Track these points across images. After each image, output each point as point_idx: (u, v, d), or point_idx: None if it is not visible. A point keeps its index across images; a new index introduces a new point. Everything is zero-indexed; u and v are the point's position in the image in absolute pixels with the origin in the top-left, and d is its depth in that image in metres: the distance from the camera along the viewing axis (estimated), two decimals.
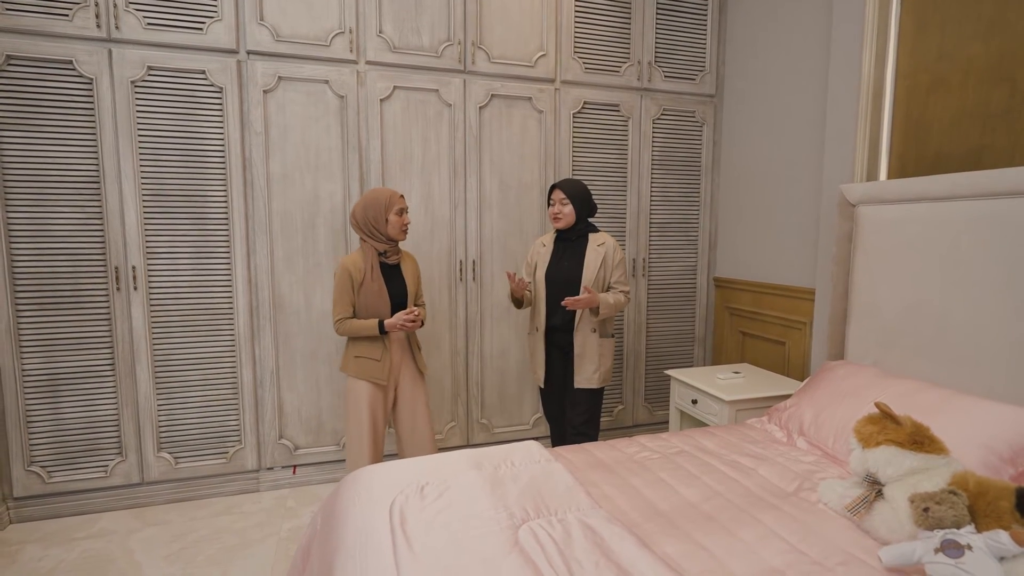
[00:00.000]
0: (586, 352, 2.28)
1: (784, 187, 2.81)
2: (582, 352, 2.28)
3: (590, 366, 2.28)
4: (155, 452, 2.51)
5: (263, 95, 2.51)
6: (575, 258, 2.32)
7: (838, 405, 1.72)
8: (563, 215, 2.30)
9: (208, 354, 2.55)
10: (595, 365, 2.28)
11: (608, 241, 2.31)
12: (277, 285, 2.61)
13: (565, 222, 2.31)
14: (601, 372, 2.30)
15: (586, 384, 2.28)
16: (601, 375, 2.30)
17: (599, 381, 2.29)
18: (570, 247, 2.35)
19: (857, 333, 2.15)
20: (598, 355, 2.28)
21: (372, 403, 2.10)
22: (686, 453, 1.70)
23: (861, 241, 2.14)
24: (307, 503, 2.58)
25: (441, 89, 2.73)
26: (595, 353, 2.28)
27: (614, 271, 2.30)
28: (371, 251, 2.08)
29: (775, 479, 1.52)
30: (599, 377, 2.29)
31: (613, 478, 1.53)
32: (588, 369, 2.28)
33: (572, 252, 2.34)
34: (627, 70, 3.01)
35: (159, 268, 2.45)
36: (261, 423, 2.66)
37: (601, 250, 2.29)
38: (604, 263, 2.28)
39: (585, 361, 2.28)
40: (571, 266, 2.31)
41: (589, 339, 2.28)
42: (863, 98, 2.25)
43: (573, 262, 2.31)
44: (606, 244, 2.30)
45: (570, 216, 2.29)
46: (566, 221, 2.31)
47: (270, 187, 2.56)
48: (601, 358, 2.29)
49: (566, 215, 2.30)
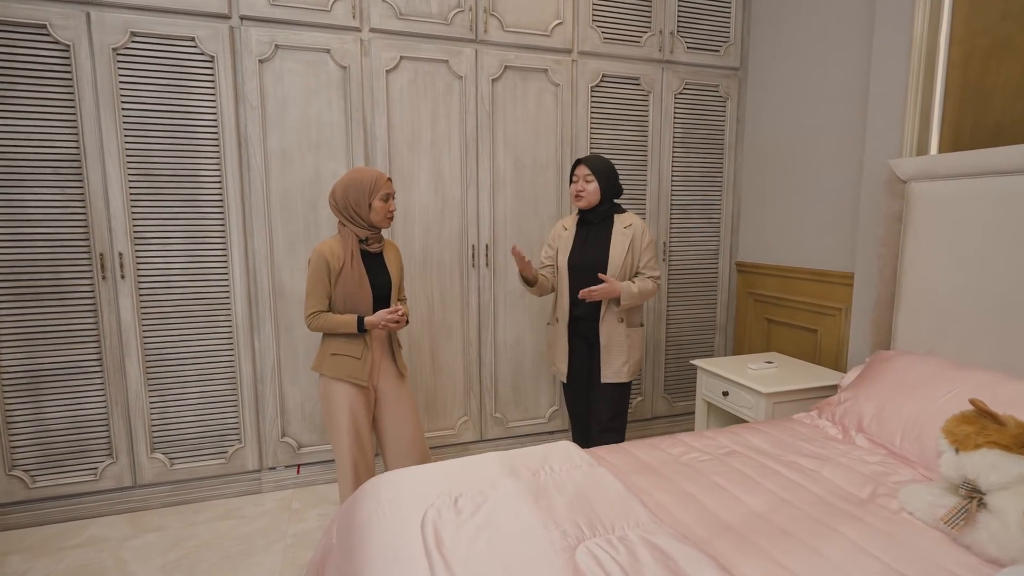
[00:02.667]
0: (613, 344, 2.11)
1: (816, 165, 2.64)
2: (609, 344, 2.12)
3: (619, 358, 2.12)
4: (148, 453, 2.33)
5: (259, 65, 2.30)
6: (600, 242, 2.14)
7: (904, 399, 1.57)
8: (586, 193, 2.12)
9: (204, 347, 2.37)
10: (624, 357, 2.12)
11: (636, 222, 2.14)
12: (277, 272, 2.42)
13: (588, 201, 2.13)
14: (630, 365, 2.13)
15: (614, 378, 2.12)
16: (630, 368, 2.14)
17: (628, 374, 2.13)
18: (594, 230, 2.18)
19: (908, 320, 1.99)
20: (627, 347, 2.12)
21: (353, 406, 1.88)
22: (737, 454, 1.55)
23: (913, 220, 1.98)
24: (313, 505, 2.42)
25: (451, 60, 2.53)
26: (623, 344, 2.11)
27: (642, 255, 2.13)
28: (351, 237, 1.86)
29: (843, 483, 1.37)
30: (628, 370, 2.13)
31: (664, 484, 1.37)
32: (616, 362, 2.12)
33: (596, 235, 2.16)
34: (648, 40, 2.82)
35: (148, 255, 2.26)
36: (262, 420, 2.48)
37: (628, 232, 2.11)
38: (631, 247, 2.11)
39: (613, 353, 2.12)
40: (596, 251, 2.14)
41: (616, 329, 2.11)
42: (914, 65, 2.07)
43: (598, 246, 2.14)
44: (633, 226, 2.13)
45: (594, 195, 2.12)
46: (589, 200, 2.13)
47: (268, 166, 2.36)
48: (630, 350, 2.13)
49: (589, 193, 2.12)
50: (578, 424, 2.35)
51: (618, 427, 2.21)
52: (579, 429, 2.36)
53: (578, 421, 2.34)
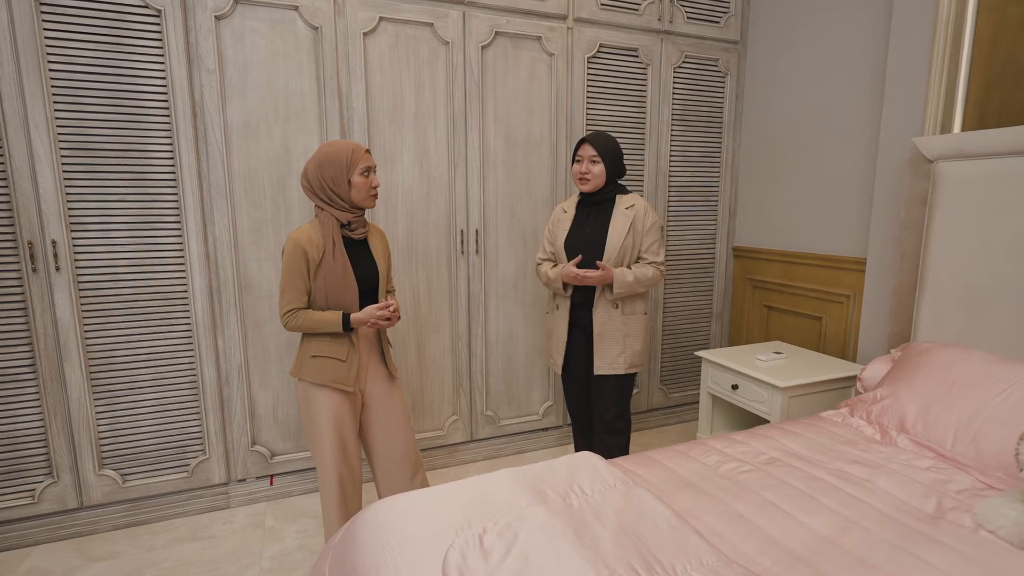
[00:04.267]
0: (607, 332, 1.94)
1: (823, 144, 2.51)
2: (602, 332, 1.95)
3: (613, 348, 1.94)
4: (96, 469, 2.04)
5: (215, 22, 1.99)
6: (599, 224, 1.96)
7: (953, 398, 1.45)
8: (591, 176, 1.92)
9: (159, 348, 2.07)
10: (619, 347, 1.94)
11: (638, 203, 1.96)
12: (242, 262, 2.14)
13: (593, 184, 1.94)
14: (627, 355, 1.96)
15: (608, 369, 1.95)
16: (627, 358, 1.96)
17: (625, 365, 1.96)
18: (594, 211, 1.99)
19: (933, 309, 1.89)
20: (622, 335, 1.95)
21: (337, 414, 1.65)
22: (778, 462, 1.40)
23: (941, 202, 1.86)
24: (290, 519, 2.18)
25: (436, 23, 2.27)
26: (618, 332, 1.94)
27: (645, 237, 1.95)
28: (331, 222, 1.61)
29: (904, 495, 1.23)
30: (624, 361, 1.95)
31: (711, 503, 1.21)
32: (611, 351, 1.95)
33: (596, 217, 1.98)
34: (647, 8, 2.62)
35: (88, 243, 1.94)
36: (229, 428, 2.21)
37: (630, 213, 1.93)
38: (633, 228, 1.93)
39: (607, 342, 1.95)
40: (594, 232, 1.96)
41: (611, 316, 1.94)
42: (940, 36, 1.94)
43: (597, 227, 1.96)
44: (635, 207, 1.94)
45: (600, 177, 1.93)
46: (594, 183, 1.93)
47: (229, 140, 2.06)
48: (627, 338, 1.96)
49: (595, 176, 1.92)
50: (577, 422, 2.18)
51: (623, 428, 2.05)
52: (579, 427, 2.19)
53: (577, 419, 2.17)
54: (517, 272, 2.57)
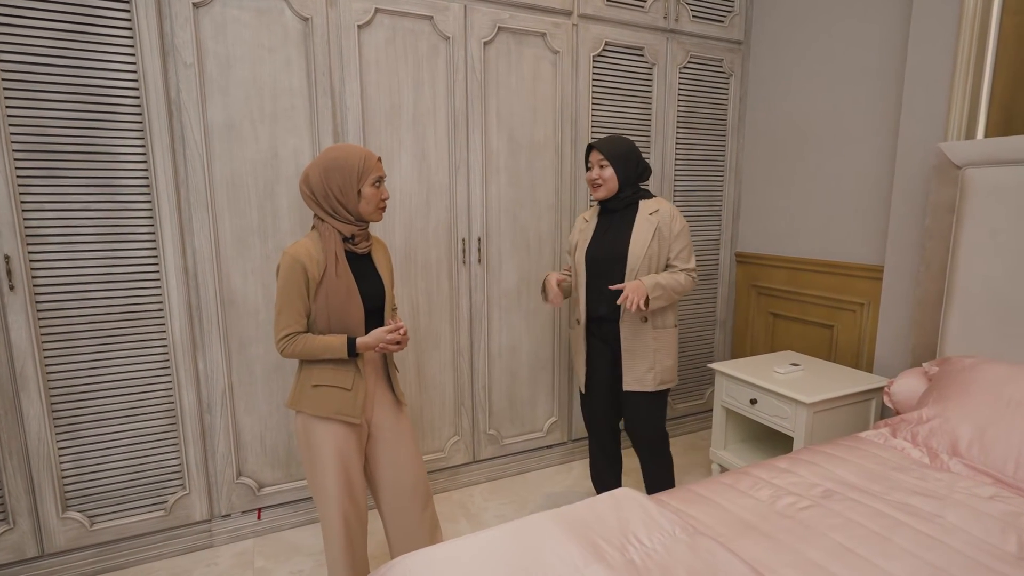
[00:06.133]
0: (636, 347, 1.82)
1: (834, 148, 2.45)
2: (631, 347, 1.82)
3: (642, 364, 1.82)
4: (59, 513, 1.81)
5: (193, 10, 1.78)
6: (621, 231, 1.83)
7: (1012, 419, 1.38)
8: (603, 181, 1.80)
9: (131, 373, 1.86)
10: (648, 363, 1.82)
11: (664, 207, 1.83)
12: (225, 276, 1.93)
13: (606, 190, 1.81)
14: (656, 371, 1.84)
15: (637, 386, 1.83)
16: (657, 374, 1.84)
17: (655, 382, 1.84)
18: (616, 219, 1.86)
19: (961, 319, 1.82)
20: (652, 350, 1.82)
21: (342, 449, 1.48)
22: (835, 495, 1.29)
23: (971, 210, 1.80)
24: (282, 558, 1.98)
25: (436, 16, 2.10)
26: (648, 348, 1.82)
27: (673, 244, 1.82)
28: (333, 236, 1.44)
29: (980, 533, 1.14)
30: (654, 377, 1.83)
31: (781, 551, 1.09)
32: (640, 368, 1.82)
33: (618, 225, 1.85)
34: (652, 6, 2.50)
35: (48, 258, 1.71)
36: (211, 459, 2.00)
37: (654, 219, 1.80)
38: (658, 235, 1.79)
39: (636, 358, 1.82)
40: (616, 240, 1.82)
41: (640, 331, 1.81)
42: (965, 37, 1.88)
43: (618, 236, 1.83)
44: (660, 212, 1.81)
45: (611, 182, 1.80)
46: (607, 189, 1.81)
47: (209, 142, 1.86)
48: (656, 353, 1.83)
49: (607, 181, 1.80)
50: (597, 441, 2.04)
51: (664, 450, 1.94)
52: (598, 446, 2.04)
53: (597, 438, 2.03)
54: (520, 282, 2.43)
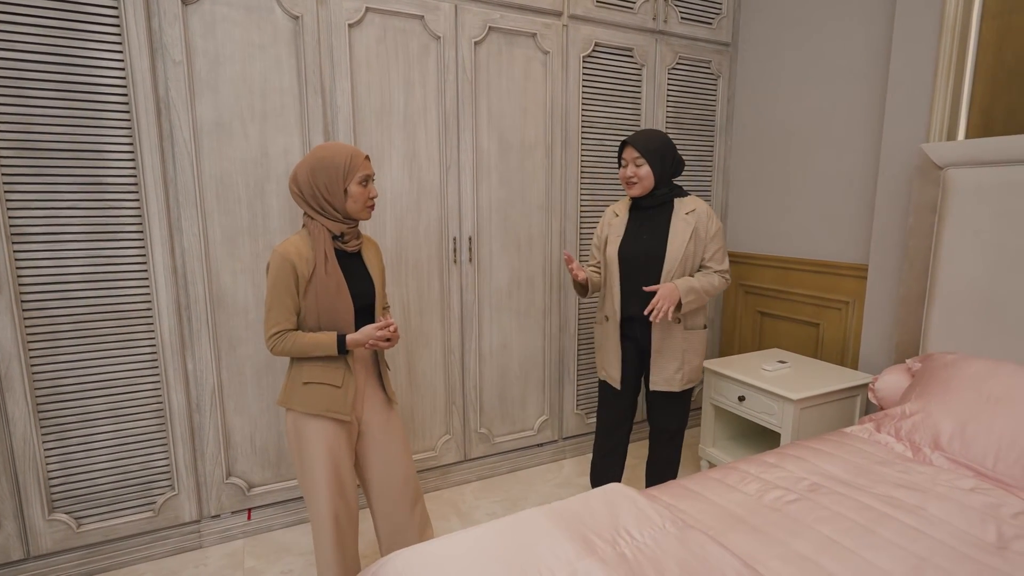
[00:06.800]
0: (666, 348, 1.83)
1: (819, 149, 2.49)
2: (661, 348, 1.83)
3: (671, 364, 1.83)
4: (45, 514, 1.79)
5: (182, 8, 1.77)
6: (657, 230, 1.82)
7: (992, 414, 1.41)
8: (638, 178, 1.78)
9: (118, 373, 1.84)
10: (677, 363, 1.83)
11: (700, 207, 1.82)
12: (215, 275, 1.92)
13: (642, 187, 1.79)
14: (685, 372, 1.85)
15: (665, 386, 1.84)
16: (685, 374, 1.85)
17: (682, 382, 1.85)
18: (650, 216, 1.84)
19: (944, 317, 1.86)
20: (682, 350, 1.83)
21: (332, 447, 1.48)
22: (822, 488, 1.32)
23: (952, 210, 1.84)
24: (272, 558, 1.98)
25: (427, 16, 2.11)
26: (678, 348, 1.83)
27: (709, 245, 1.81)
28: (323, 233, 1.44)
29: (962, 524, 1.17)
30: (682, 377, 1.85)
31: (770, 543, 1.11)
32: (669, 368, 1.83)
33: (653, 222, 1.83)
34: (642, 7, 2.53)
35: (34, 256, 1.70)
36: (200, 460, 1.99)
37: (691, 219, 1.79)
38: (695, 236, 1.78)
39: (665, 358, 1.83)
40: (652, 240, 1.81)
41: (671, 331, 1.82)
42: (946, 41, 1.92)
43: (654, 235, 1.81)
44: (697, 211, 1.80)
45: (647, 179, 1.78)
46: (643, 186, 1.79)
47: (198, 140, 1.85)
48: (686, 354, 1.84)
49: (642, 178, 1.78)
50: (607, 438, 2.02)
51: (679, 444, 2.00)
52: (606, 442, 2.03)
53: (608, 435, 2.02)
54: (512, 281, 2.44)
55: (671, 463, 2.01)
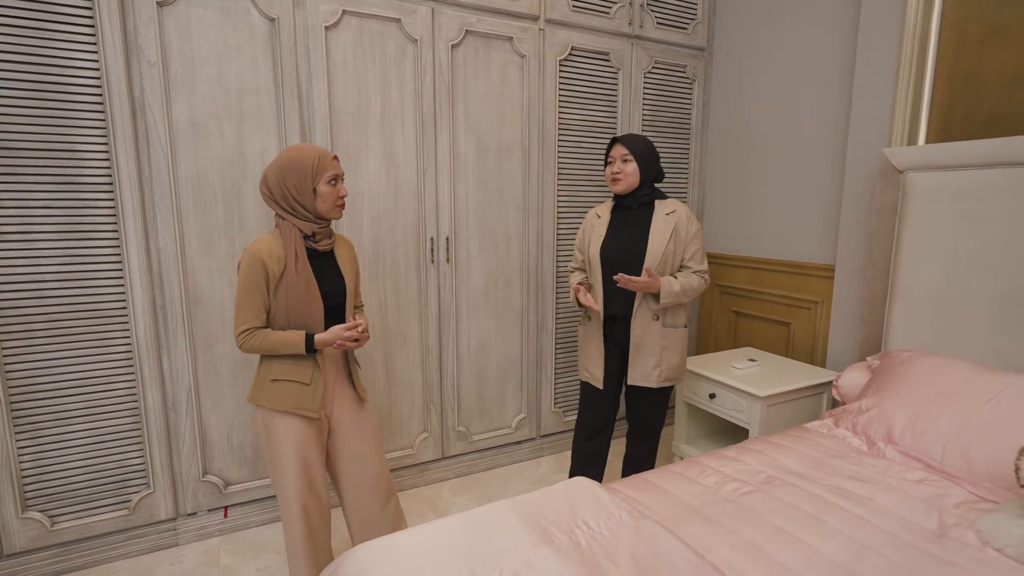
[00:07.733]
0: (644, 343, 1.87)
1: (790, 153, 2.55)
2: (640, 343, 1.87)
3: (649, 360, 1.87)
4: (18, 513, 1.80)
5: (157, 9, 1.78)
6: (638, 230, 1.87)
7: (941, 408, 1.47)
8: (624, 175, 1.85)
9: (93, 372, 1.85)
10: (655, 360, 1.87)
11: (680, 209, 1.88)
12: (191, 276, 1.94)
13: (626, 184, 1.86)
14: (663, 368, 1.88)
15: (643, 381, 1.88)
16: (663, 372, 1.89)
17: (660, 379, 1.89)
18: (631, 217, 1.90)
19: (904, 316, 1.92)
20: (660, 347, 1.87)
21: (301, 444, 1.50)
22: (777, 480, 1.37)
23: (911, 212, 1.90)
24: (248, 555, 1.99)
25: (404, 19, 2.14)
26: (657, 345, 1.87)
27: (688, 246, 1.87)
28: (293, 233, 1.47)
29: (906, 513, 1.22)
30: (660, 374, 1.88)
31: (721, 533, 1.15)
32: (647, 363, 1.87)
33: (634, 222, 1.89)
34: (618, 12, 2.57)
35: (7, 255, 1.70)
36: (176, 458, 2.00)
37: (671, 219, 1.85)
38: (675, 236, 1.84)
39: (643, 354, 1.87)
40: (633, 238, 1.87)
41: (650, 328, 1.87)
42: (907, 49, 1.98)
43: (635, 234, 1.87)
44: (677, 212, 1.87)
45: (632, 177, 1.85)
46: (627, 183, 1.85)
47: (174, 140, 1.86)
48: (664, 351, 1.88)
49: (628, 175, 1.84)
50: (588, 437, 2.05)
51: (655, 442, 2.04)
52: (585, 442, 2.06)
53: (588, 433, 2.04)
54: (489, 280, 2.47)
55: (647, 459, 2.05)
